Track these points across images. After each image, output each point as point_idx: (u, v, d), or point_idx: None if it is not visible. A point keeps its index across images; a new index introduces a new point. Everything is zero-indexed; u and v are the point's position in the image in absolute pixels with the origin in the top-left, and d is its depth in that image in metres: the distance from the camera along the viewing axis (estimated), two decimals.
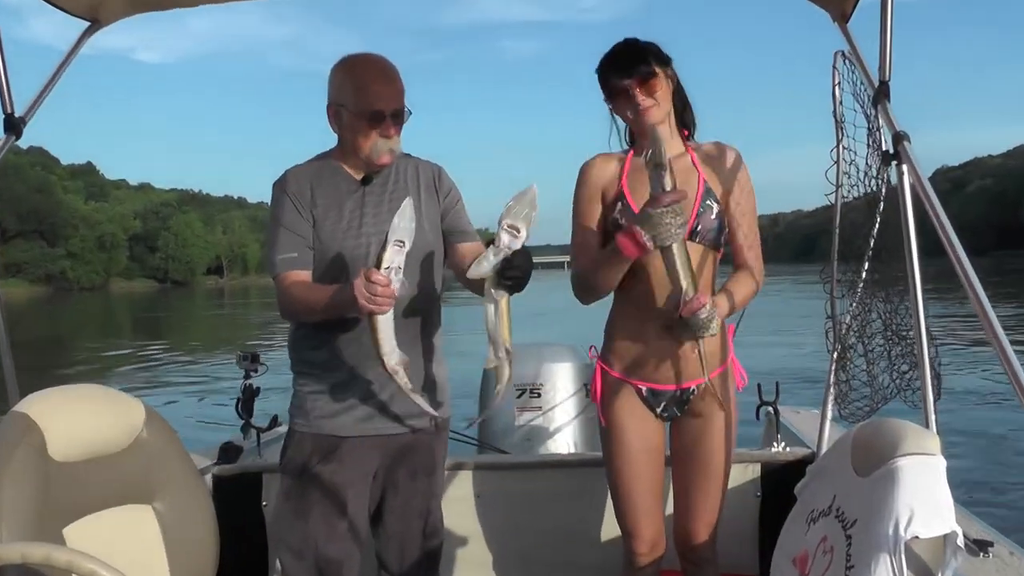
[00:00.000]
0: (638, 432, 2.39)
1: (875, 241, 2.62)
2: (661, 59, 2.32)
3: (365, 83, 2.28)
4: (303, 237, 2.32)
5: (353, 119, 2.29)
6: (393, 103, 2.28)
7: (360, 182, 2.38)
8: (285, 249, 2.31)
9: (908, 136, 2.06)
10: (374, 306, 2.03)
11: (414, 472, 2.43)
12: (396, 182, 2.41)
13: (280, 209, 2.34)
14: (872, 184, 2.63)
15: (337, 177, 2.38)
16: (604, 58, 2.34)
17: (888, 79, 2.21)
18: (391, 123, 2.28)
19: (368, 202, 2.37)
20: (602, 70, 2.34)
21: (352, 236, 2.34)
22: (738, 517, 2.83)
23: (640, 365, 2.37)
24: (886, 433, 1.78)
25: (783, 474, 2.92)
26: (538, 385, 3.84)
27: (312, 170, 2.39)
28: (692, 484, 2.41)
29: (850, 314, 2.73)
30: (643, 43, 2.33)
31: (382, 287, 2.00)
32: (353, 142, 2.32)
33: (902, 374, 2.62)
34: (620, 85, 2.30)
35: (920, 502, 1.60)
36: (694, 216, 2.29)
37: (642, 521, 2.39)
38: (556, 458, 3.45)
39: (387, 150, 2.30)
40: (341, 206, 2.35)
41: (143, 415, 2.10)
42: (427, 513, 2.47)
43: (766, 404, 3.25)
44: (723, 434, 2.39)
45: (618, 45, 2.34)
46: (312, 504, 2.31)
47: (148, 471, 2.08)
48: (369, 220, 2.35)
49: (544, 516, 2.99)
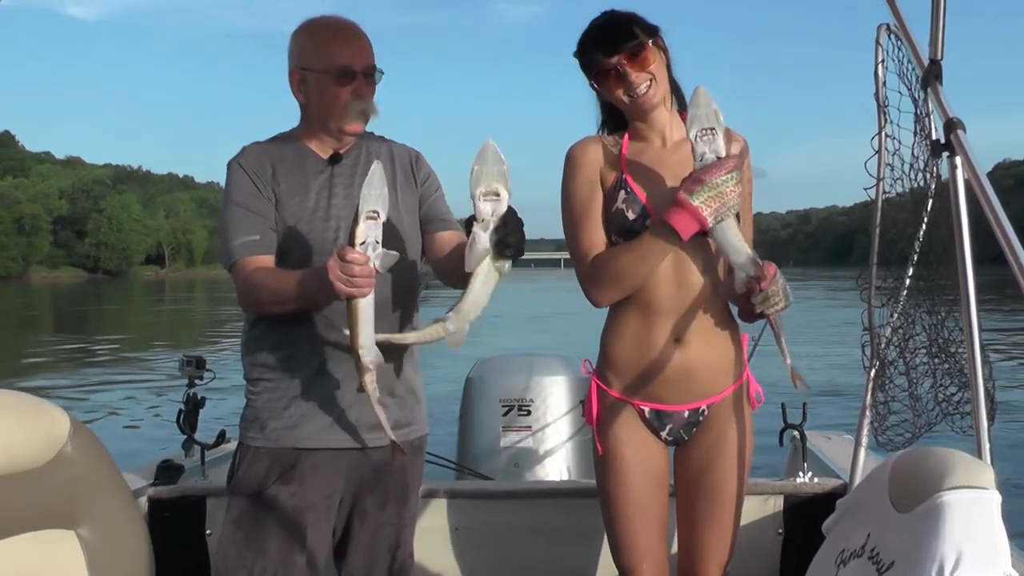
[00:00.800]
0: (639, 459, 2.39)
1: (921, 243, 2.63)
2: (647, 29, 2.33)
3: (330, 40, 2.32)
4: (264, 218, 2.32)
5: (320, 79, 2.31)
6: (363, 59, 2.32)
7: (328, 161, 2.39)
8: (244, 232, 2.31)
9: (963, 124, 2.05)
10: (353, 288, 2.02)
11: (384, 499, 2.43)
12: (368, 162, 2.39)
13: (236, 188, 2.34)
14: (919, 178, 2.64)
15: (302, 156, 2.39)
16: (582, 37, 2.35)
17: (941, 58, 2.21)
18: (363, 80, 2.31)
19: (337, 183, 2.38)
20: (583, 51, 2.35)
21: (320, 219, 2.34)
22: (756, 557, 2.84)
23: (643, 383, 2.37)
24: (930, 463, 1.78)
25: (809, 508, 2.93)
26: (527, 401, 3.84)
27: (274, 148, 2.40)
28: (700, 518, 2.41)
29: (891, 326, 2.73)
30: (623, 13, 2.34)
31: (359, 265, 2.00)
32: (321, 106, 2.33)
33: (949, 396, 2.64)
34: (607, 64, 2.30)
35: (970, 543, 1.60)
36: None
37: (643, 561, 2.39)
38: (546, 486, 3.45)
39: (359, 111, 2.32)
40: (307, 187, 2.36)
41: (67, 427, 2.08)
42: (396, 546, 2.47)
43: (791, 427, 3.24)
44: (736, 461, 2.39)
45: (595, 20, 2.35)
46: (268, 533, 2.30)
47: (72, 491, 2.06)
48: (339, 202, 2.36)
49: (531, 553, 2.99)
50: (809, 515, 2.82)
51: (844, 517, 2.11)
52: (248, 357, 2.42)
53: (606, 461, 2.42)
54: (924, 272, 2.70)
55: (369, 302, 2.08)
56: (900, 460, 1.96)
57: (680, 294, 2.34)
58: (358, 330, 2.09)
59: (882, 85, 2.65)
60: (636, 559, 2.39)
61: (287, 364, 2.34)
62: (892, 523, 1.83)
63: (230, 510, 2.40)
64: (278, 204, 2.33)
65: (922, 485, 1.75)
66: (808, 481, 3.07)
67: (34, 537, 2.01)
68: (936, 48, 2.22)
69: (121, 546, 2.12)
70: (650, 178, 2.34)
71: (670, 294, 2.33)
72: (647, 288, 2.33)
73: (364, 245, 2.03)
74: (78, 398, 13.70)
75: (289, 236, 2.33)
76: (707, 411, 2.39)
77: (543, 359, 4.09)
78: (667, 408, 2.38)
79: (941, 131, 2.14)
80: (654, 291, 2.33)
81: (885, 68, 2.65)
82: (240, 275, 2.31)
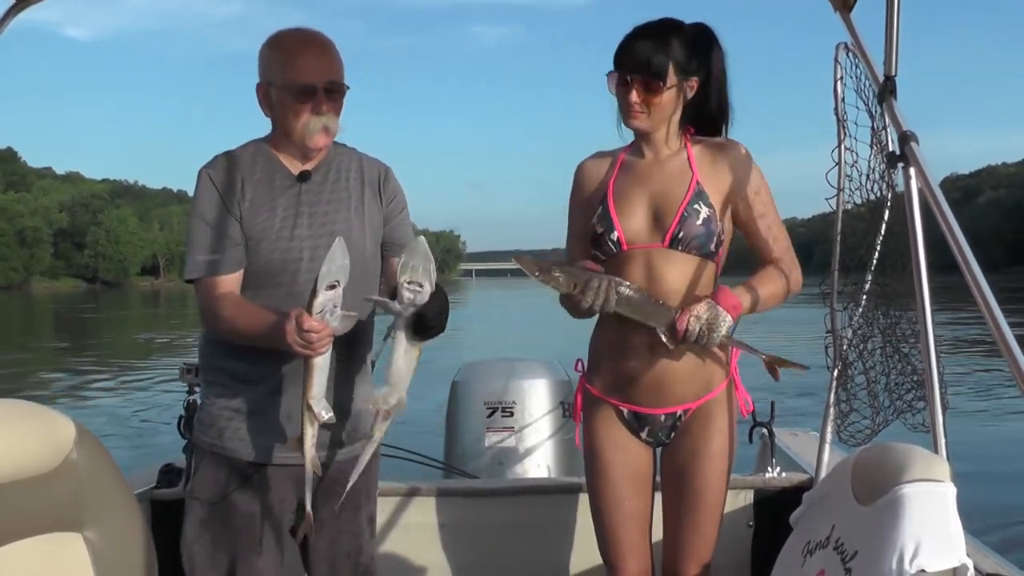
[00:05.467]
0: (620, 456, 2.38)
1: (879, 250, 2.65)
2: (687, 68, 2.28)
3: (292, 55, 2.24)
4: (227, 236, 2.27)
5: (282, 95, 2.26)
6: (325, 74, 2.24)
7: (297, 178, 2.33)
8: (206, 249, 2.27)
9: (916, 136, 2.06)
10: (309, 351, 2.04)
11: (339, 507, 2.33)
12: (336, 180, 2.36)
13: (203, 201, 2.29)
14: (876, 188, 2.66)
15: (272, 169, 2.32)
16: (634, 30, 2.30)
17: (895, 74, 2.23)
18: (324, 97, 2.24)
19: (304, 201, 2.32)
20: (623, 44, 2.29)
21: (284, 239, 2.28)
22: (728, 548, 2.84)
23: (623, 385, 2.37)
24: (890, 458, 1.80)
25: (778, 501, 2.94)
26: (510, 403, 3.84)
27: (245, 158, 2.33)
28: (682, 516, 2.38)
29: (852, 329, 2.75)
30: (679, 36, 2.28)
31: (315, 333, 2.01)
32: (284, 123, 2.28)
33: (902, 395, 2.66)
34: (621, 75, 2.28)
35: (927, 533, 1.62)
36: (676, 221, 2.28)
37: (626, 554, 2.39)
38: (530, 483, 3.45)
39: (320, 128, 2.25)
40: (274, 203, 2.30)
41: (73, 433, 2.07)
42: (357, 552, 2.43)
43: (760, 425, 3.27)
44: (715, 465, 2.36)
45: (652, 24, 2.30)
46: (229, 537, 2.28)
47: (78, 495, 2.05)
48: (304, 222, 2.30)
49: (516, 548, 2.99)
50: (778, 508, 2.83)
51: (810, 510, 2.12)
52: (205, 360, 2.38)
53: (589, 459, 2.42)
54: (880, 278, 2.72)
55: (325, 358, 2.10)
56: (862, 455, 1.97)
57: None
58: (311, 383, 2.12)
59: (840, 100, 2.67)
60: (619, 552, 2.39)
61: (246, 376, 2.29)
62: (855, 515, 1.84)
63: (192, 511, 2.36)
64: (243, 218, 2.28)
65: (883, 479, 1.76)
66: (777, 476, 3.08)
67: (42, 540, 1.99)
68: (891, 65, 2.24)
69: (125, 548, 2.11)
70: (628, 194, 2.33)
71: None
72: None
73: (322, 313, 2.04)
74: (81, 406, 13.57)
75: (252, 251, 2.28)
76: (684, 416, 2.36)
77: (525, 363, 4.09)
78: (644, 411, 2.37)
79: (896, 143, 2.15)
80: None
81: (843, 84, 2.67)
82: (202, 295, 2.27)
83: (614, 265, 2.31)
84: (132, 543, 2.12)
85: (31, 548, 1.97)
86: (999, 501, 6.79)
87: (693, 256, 2.30)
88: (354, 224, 2.34)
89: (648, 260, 2.30)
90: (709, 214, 2.30)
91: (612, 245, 2.31)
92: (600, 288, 2.18)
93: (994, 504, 6.58)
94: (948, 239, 1.79)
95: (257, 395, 2.28)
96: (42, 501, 2.00)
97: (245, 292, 2.29)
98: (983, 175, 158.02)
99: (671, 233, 2.27)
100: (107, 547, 2.07)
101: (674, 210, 2.28)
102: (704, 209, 2.30)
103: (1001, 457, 8.56)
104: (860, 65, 2.56)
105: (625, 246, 2.30)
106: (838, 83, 2.66)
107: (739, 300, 2.26)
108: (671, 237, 2.28)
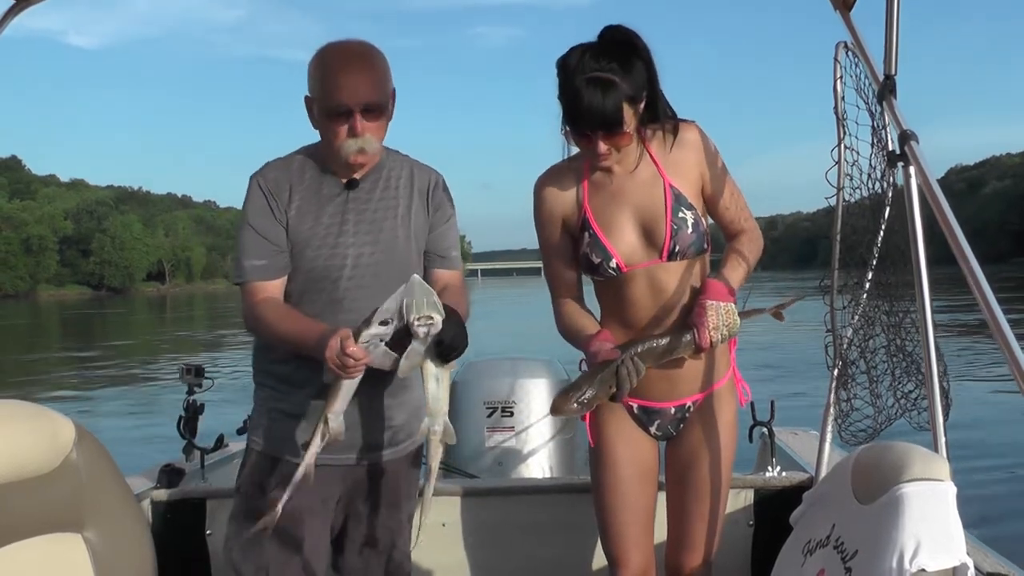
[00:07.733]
0: (629, 453, 2.40)
1: (879, 248, 2.64)
2: (636, 96, 2.19)
3: (331, 74, 2.20)
4: (274, 243, 2.28)
5: (320, 115, 2.24)
6: (362, 96, 2.18)
7: (345, 185, 2.32)
8: (254, 255, 2.28)
9: (916, 136, 2.07)
10: (342, 373, 2.05)
11: (376, 504, 2.41)
12: (386, 188, 2.35)
13: (252, 208, 2.30)
14: (877, 187, 2.65)
15: (321, 177, 2.32)
16: (571, 87, 2.15)
17: (894, 73, 2.23)
18: (360, 118, 2.19)
19: (351, 208, 2.31)
20: (568, 102, 2.17)
21: (328, 246, 2.28)
22: (729, 547, 2.83)
23: None
24: (890, 457, 1.79)
25: (778, 501, 2.93)
26: (510, 403, 3.83)
27: (295, 166, 2.33)
28: (686, 510, 2.41)
29: (852, 327, 2.74)
30: (620, 68, 2.14)
31: (354, 360, 2.03)
32: (324, 139, 2.28)
33: (907, 393, 2.64)
34: (581, 131, 2.20)
35: (927, 532, 1.61)
36: (669, 235, 2.27)
37: (631, 549, 2.39)
38: (531, 483, 3.43)
39: (356, 149, 2.22)
40: (320, 210, 2.30)
41: (73, 434, 2.07)
42: (391, 548, 2.46)
43: (760, 424, 3.26)
44: (721, 455, 2.39)
45: (589, 77, 2.13)
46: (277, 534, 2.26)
47: (78, 496, 2.05)
48: (349, 229, 2.30)
49: (517, 548, 2.98)
50: (778, 507, 2.82)
51: (810, 509, 2.12)
52: (257, 363, 2.40)
53: (597, 454, 2.42)
54: (882, 275, 2.71)
55: (354, 381, 2.12)
56: (862, 454, 1.97)
57: (658, 312, 2.32)
58: (336, 399, 2.13)
59: (840, 99, 2.66)
60: (623, 547, 2.39)
61: (290, 378, 2.31)
62: (855, 514, 1.83)
63: (234, 508, 2.39)
64: (288, 225, 2.28)
65: (883, 478, 1.76)
66: (777, 475, 3.08)
67: (43, 540, 1.99)
68: (890, 64, 2.24)
69: (126, 547, 2.10)
70: (611, 216, 2.31)
71: (647, 314, 2.32)
72: (624, 309, 2.34)
73: (368, 344, 2.06)
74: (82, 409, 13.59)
75: (297, 258, 2.29)
76: (693, 407, 2.39)
77: (525, 363, 4.09)
78: (654, 405, 2.39)
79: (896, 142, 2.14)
80: (632, 312, 2.34)
81: (843, 83, 2.66)
82: (247, 299, 2.29)
83: (615, 286, 2.33)
84: (132, 543, 2.12)
85: (31, 548, 1.97)
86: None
87: (689, 260, 2.32)
88: (400, 233, 2.34)
89: (650, 276, 2.31)
90: (695, 217, 2.30)
91: (612, 271, 2.31)
92: (629, 371, 2.18)
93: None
94: (948, 239, 1.79)
95: (303, 397, 2.30)
96: (42, 501, 2.00)
97: (289, 298, 2.32)
98: (988, 165, 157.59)
99: (667, 249, 2.28)
100: (107, 547, 2.07)
101: (661, 223, 2.27)
102: (688, 214, 2.29)
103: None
104: (860, 64, 2.55)
105: (625, 269, 2.30)
106: (837, 82, 2.65)
107: (730, 285, 2.29)
108: (668, 252, 2.28)
